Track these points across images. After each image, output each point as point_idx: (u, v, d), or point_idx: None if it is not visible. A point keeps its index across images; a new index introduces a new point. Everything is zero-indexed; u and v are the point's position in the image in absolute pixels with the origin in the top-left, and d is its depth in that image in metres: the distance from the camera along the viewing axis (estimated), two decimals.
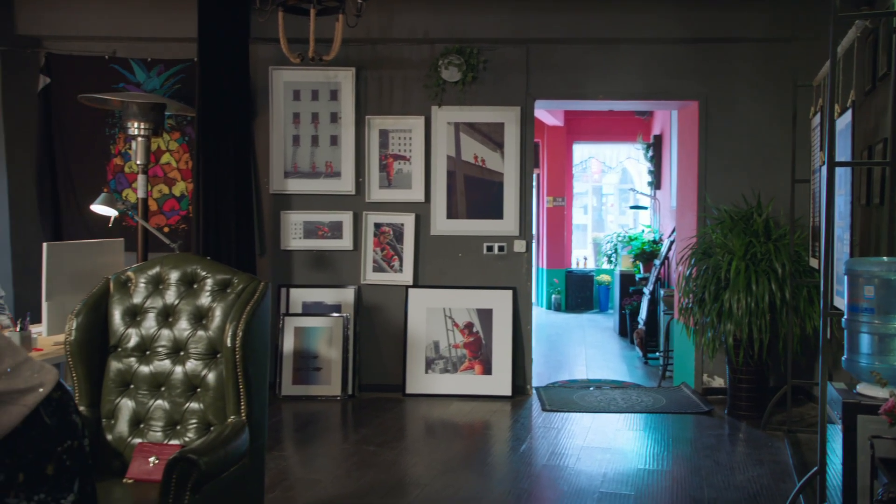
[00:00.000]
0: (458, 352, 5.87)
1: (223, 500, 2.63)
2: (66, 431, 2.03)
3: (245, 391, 2.81)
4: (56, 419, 2.01)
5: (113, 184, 6.02)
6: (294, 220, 5.94)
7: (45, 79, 5.90)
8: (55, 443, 1.99)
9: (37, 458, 1.96)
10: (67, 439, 2.03)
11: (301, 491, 3.95)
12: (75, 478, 2.03)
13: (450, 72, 5.79)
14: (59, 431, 2.01)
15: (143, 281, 3.01)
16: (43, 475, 1.96)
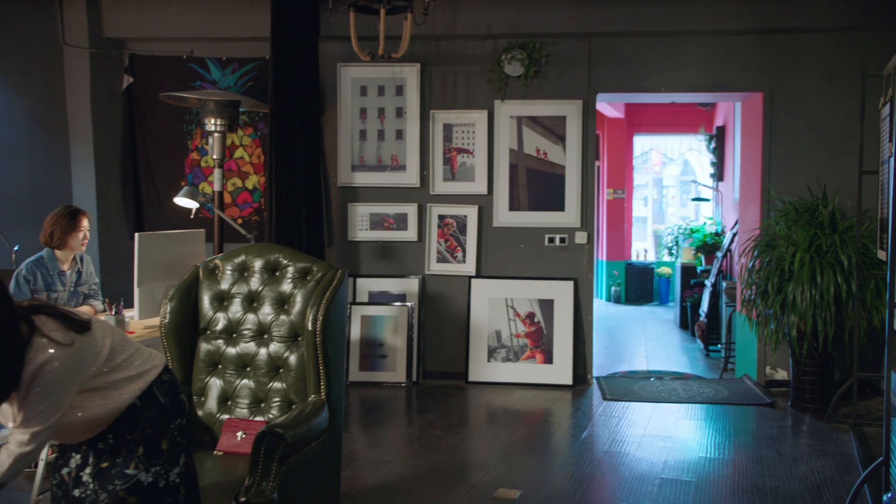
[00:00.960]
0: (519, 341, 5.99)
1: (305, 472, 2.82)
2: (176, 410, 2.27)
3: (325, 372, 2.99)
4: (168, 399, 2.24)
5: (190, 178, 6.33)
6: (361, 212, 6.15)
7: (129, 78, 6.24)
8: (169, 420, 2.22)
9: (154, 433, 2.19)
10: (178, 417, 2.26)
11: (371, 470, 4.14)
12: (182, 452, 2.26)
13: (513, 66, 5.89)
14: (171, 410, 2.24)
15: (230, 268, 3.23)
16: (158, 449, 2.19)
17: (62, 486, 2.21)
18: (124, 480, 2.14)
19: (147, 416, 2.17)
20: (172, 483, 2.22)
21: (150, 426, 2.18)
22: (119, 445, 2.15)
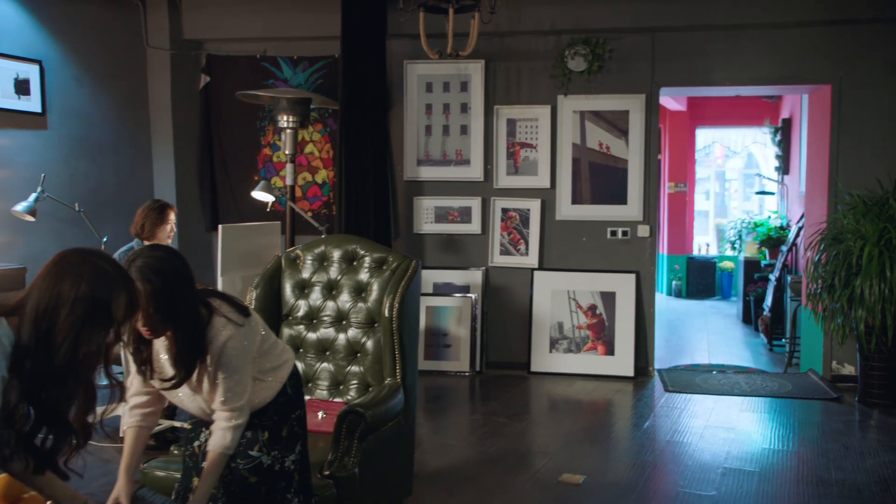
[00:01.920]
0: (581, 333, 6.08)
1: (382, 451, 3.00)
2: (298, 401, 2.46)
3: (400, 356, 3.16)
4: (293, 390, 2.44)
5: (263, 172, 6.60)
6: (426, 206, 6.32)
7: (206, 77, 6.54)
8: (291, 410, 2.42)
9: (278, 421, 2.38)
10: (298, 408, 2.45)
11: (438, 454, 4.30)
12: (298, 441, 2.45)
13: (576, 62, 5.97)
14: (294, 401, 2.43)
15: (310, 258, 3.43)
16: (279, 436, 2.39)
17: (193, 457, 2.43)
18: (247, 460, 2.32)
19: (276, 404, 2.36)
20: (288, 469, 2.39)
21: (277, 413, 2.37)
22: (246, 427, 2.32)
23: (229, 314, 2.22)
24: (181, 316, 2.13)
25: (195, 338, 2.15)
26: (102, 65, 6.01)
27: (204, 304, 2.21)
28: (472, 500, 3.68)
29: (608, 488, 3.81)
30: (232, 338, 2.18)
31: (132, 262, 2.11)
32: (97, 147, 5.99)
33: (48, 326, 1.69)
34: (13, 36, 5.37)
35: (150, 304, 2.08)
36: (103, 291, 1.74)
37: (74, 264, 1.75)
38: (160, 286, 2.09)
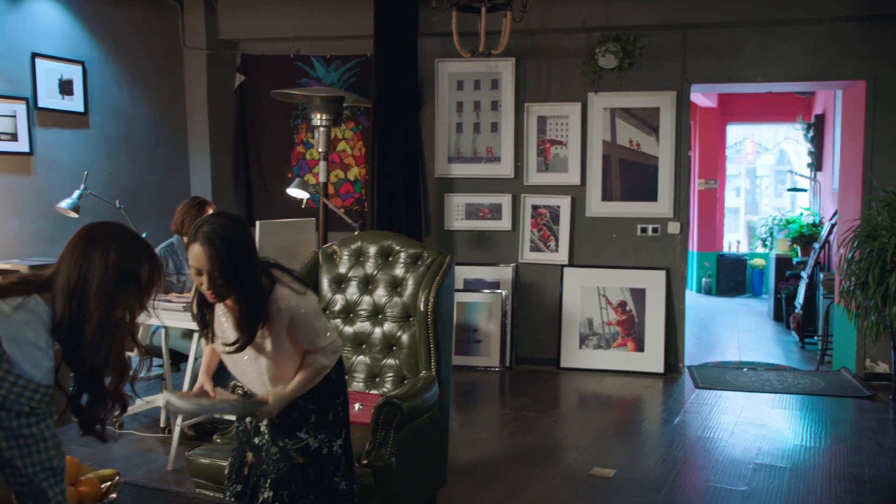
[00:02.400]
0: (611, 329, 6.11)
1: (418, 442, 3.07)
2: (341, 388, 2.55)
3: (435, 350, 3.23)
4: (338, 377, 2.53)
5: (296, 170, 6.71)
6: (457, 202, 6.38)
7: (241, 77, 6.67)
8: (336, 395, 2.51)
9: (325, 405, 2.47)
10: (342, 394, 2.54)
11: (469, 447, 4.37)
12: (343, 427, 2.53)
13: (606, 59, 5.99)
14: (338, 387, 2.52)
15: (347, 254, 3.51)
16: (326, 420, 2.48)
17: (245, 432, 2.53)
18: (295, 441, 2.42)
19: (322, 388, 2.44)
20: (335, 453, 2.48)
21: (323, 398, 2.45)
22: (291, 408, 2.41)
23: (291, 284, 2.33)
24: (243, 281, 2.23)
25: (257, 303, 2.26)
26: (141, 65, 6.16)
27: (265, 273, 2.31)
28: (503, 492, 3.74)
29: (639, 482, 3.85)
30: (295, 304, 2.31)
31: (199, 228, 2.23)
32: (136, 145, 6.15)
33: (81, 297, 1.76)
34: (58, 38, 5.53)
35: (214, 267, 2.19)
36: (130, 259, 1.82)
37: (101, 235, 1.83)
38: (224, 251, 2.19)
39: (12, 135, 5.22)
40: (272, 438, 2.44)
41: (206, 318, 2.37)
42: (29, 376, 1.71)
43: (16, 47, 5.25)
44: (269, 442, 2.44)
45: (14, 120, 5.22)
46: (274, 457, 2.44)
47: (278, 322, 2.30)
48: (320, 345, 2.38)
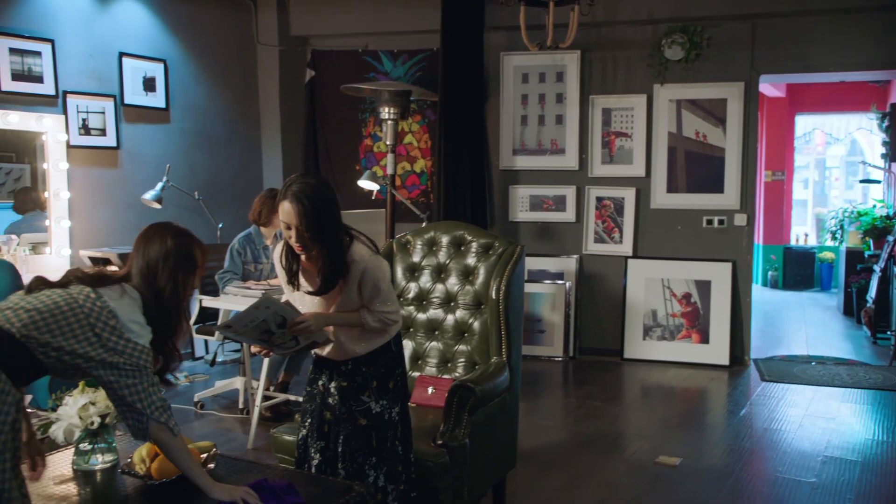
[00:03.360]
0: (675, 321, 6.11)
1: (489, 425, 3.18)
2: (400, 360, 2.71)
3: (506, 336, 3.34)
4: (397, 350, 2.68)
5: (364, 162, 6.89)
6: (521, 194, 6.46)
7: (311, 72, 6.87)
8: (395, 366, 2.67)
9: (385, 373, 2.64)
10: (400, 366, 2.70)
11: (536, 433, 4.46)
12: (401, 396, 2.69)
13: (673, 50, 5.97)
14: (398, 358, 2.69)
15: (420, 243, 3.64)
16: (387, 387, 2.65)
17: (319, 394, 2.71)
18: (358, 403, 2.61)
19: (383, 356, 2.63)
20: (394, 419, 2.65)
21: (384, 366, 2.63)
22: (355, 373, 2.62)
23: (367, 243, 2.57)
24: (327, 235, 2.44)
25: (339, 255, 2.47)
26: (218, 62, 6.42)
27: (346, 232, 2.54)
28: (569, 477, 3.83)
29: (705, 471, 3.89)
30: (371, 261, 2.51)
31: (289, 187, 2.43)
32: (213, 139, 6.41)
33: (153, 280, 2.18)
34: (142, 38, 5.81)
35: (301, 222, 2.40)
36: (184, 245, 2.22)
37: (155, 232, 2.25)
38: (310, 207, 2.39)
39: (101, 130, 5.52)
40: (341, 400, 2.64)
41: (294, 269, 2.58)
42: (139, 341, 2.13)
43: (105, 47, 5.55)
44: (339, 402, 2.64)
45: (103, 116, 5.52)
46: (343, 416, 2.64)
47: (352, 274, 2.51)
48: (376, 307, 2.55)
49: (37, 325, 2.01)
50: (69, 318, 2.05)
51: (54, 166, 5.19)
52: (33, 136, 5.11)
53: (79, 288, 2.12)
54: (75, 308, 2.06)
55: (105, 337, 2.07)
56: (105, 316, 2.08)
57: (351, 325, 2.58)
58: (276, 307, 2.45)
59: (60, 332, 2.03)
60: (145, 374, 2.12)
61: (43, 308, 2.04)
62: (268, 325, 2.46)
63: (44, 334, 2.02)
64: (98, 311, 2.08)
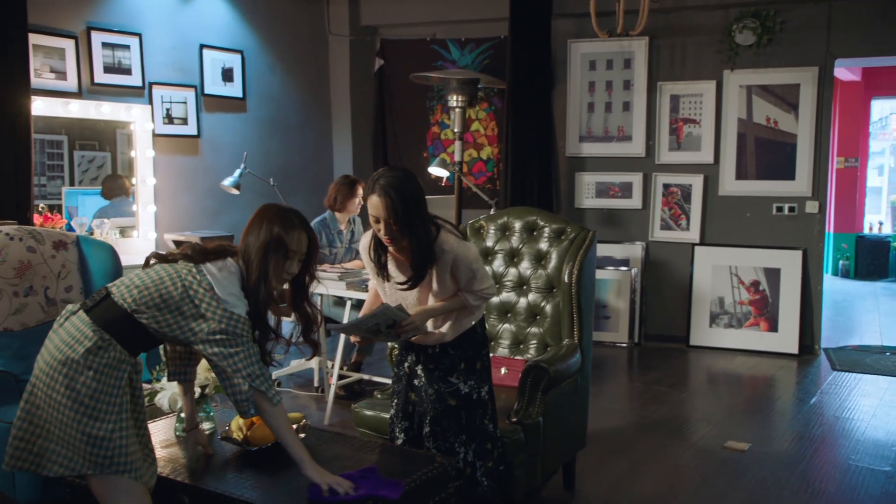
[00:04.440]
0: (743, 308, 6.07)
1: (561, 405, 3.28)
2: (486, 341, 2.82)
3: (578, 319, 3.42)
4: (482, 331, 2.79)
5: (431, 149, 7.02)
6: (587, 181, 6.50)
7: (380, 61, 7.02)
8: (482, 347, 2.78)
9: (473, 355, 2.75)
10: (486, 347, 2.81)
11: (604, 416, 4.52)
12: (489, 376, 2.80)
13: (744, 35, 5.90)
14: (484, 340, 2.80)
15: (493, 228, 3.74)
16: (474, 368, 2.76)
17: (405, 376, 2.85)
18: (447, 385, 2.73)
19: (470, 339, 2.73)
20: (483, 398, 2.76)
21: (471, 348, 2.74)
22: (442, 355, 2.73)
23: (454, 231, 2.65)
24: (415, 227, 2.53)
25: (427, 246, 2.56)
26: (291, 52, 6.62)
27: (432, 222, 2.62)
28: (637, 459, 3.90)
29: (775, 457, 3.91)
30: (460, 247, 2.60)
31: (377, 181, 2.53)
32: (286, 127, 6.63)
33: (248, 259, 2.28)
34: (221, 30, 6.05)
35: (389, 215, 2.50)
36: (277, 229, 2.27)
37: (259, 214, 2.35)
38: (398, 200, 2.48)
39: (183, 119, 5.78)
40: (428, 382, 2.75)
41: (382, 260, 2.68)
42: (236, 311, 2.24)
43: (188, 40, 5.79)
44: (427, 384, 2.75)
45: (185, 106, 5.77)
46: (431, 398, 2.75)
47: (443, 262, 2.60)
48: (475, 287, 2.64)
49: (145, 301, 2.21)
50: (172, 292, 2.21)
51: (141, 154, 5.46)
52: (115, 125, 5.35)
53: (183, 263, 2.28)
54: (177, 282, 2.22)
55: (203, 307, 2.20)
56: (203, 288, 2.21)
57: (452, 310, 2.67)
58: (391, 313, 2.56)
59: (166, 305, 2.21)
60: (243, 344, 2.23)
61: (150, 284, 2.23)
62: (379, 326, 2.60)
63: (150, 308, 2.21)
64: (197, 284, 2.22)
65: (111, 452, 2.14)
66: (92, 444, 2.13)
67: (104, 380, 2.16)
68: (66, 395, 2.13)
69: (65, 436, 2.14)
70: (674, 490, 3.55)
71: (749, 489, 3.53)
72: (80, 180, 5.33)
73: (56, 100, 4.96)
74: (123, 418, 2.18)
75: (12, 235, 3.45)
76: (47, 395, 2.16)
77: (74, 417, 2.12)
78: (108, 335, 2.19)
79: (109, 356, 2.18)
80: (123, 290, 2.24)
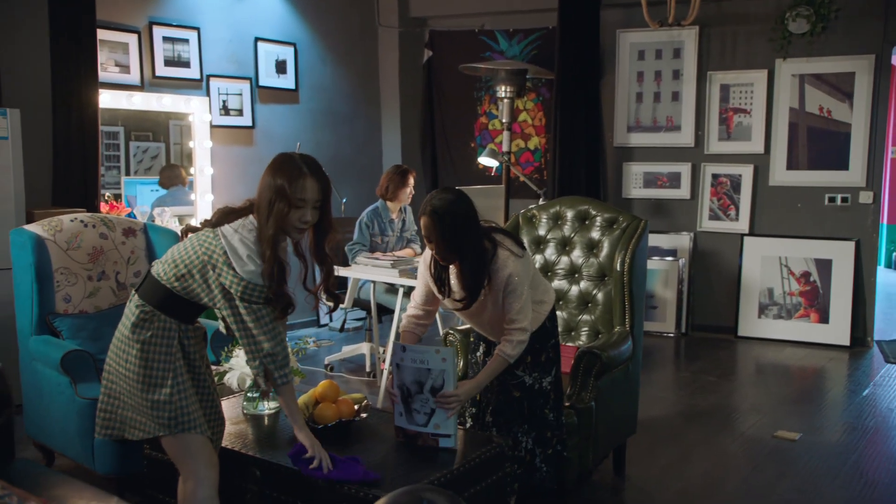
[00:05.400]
0: (792, 299, 6.03)
1: (613, 390, 3.33)
2: (553, 332, 2.88)
3: (629, 307, 3.47)
4: (550, 324, 2.86)
5: (479, 140, 7.08)
6: (635, 171, 6.50)
7: (429, 52, 7.10)
8: (548, 339, 2.84)
9: (539, 348, 2.82)
10: (553, 338, 2.87)
11: (652, 404, 4.56)
12: (554, 366, 2.87)
13: (797, 24, 5.84)
14: (551, 331, 2.86)
15: (545, 217, 3.80)
16: (539, 360, 2.83)
17: (475, 364, 2.95)
18: (513, 377, 2.79)
19: (537, 333, 2.78)
20: (545, 388, 2.83)
21: (538, 342, 2.80)
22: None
23: (511, 247, 2.64)
24: (464, 248, 2.56)
25: (478, 268, 2.58)
26: (341, 44, 6.74)
27: (489, 238, 2.63)
28: (686, 446, 3.94)
29: (826, 447, 3.91)
30: (514, 268, 2.61)
31: (429, 202, 2.58)
32: (336, 118, 6.75)
33: (259, 211, 2.24)
34: (275, 23, 6.19)
35: (438, 237, 2.54)
36: (280, 180, 2.19)
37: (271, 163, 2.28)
38: (447, 223, 2.52)
39: (239, 110, 5.94)
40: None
41: (443, 277, 2.71)
42: (249, 278, 2.21)
43: (243, 33, 5.95)
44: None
45: (241, 98, 5.93)
46: (495, 389, 2.81)
47: (498, 281, 2.62)
48: (515, 317, 2.61)
49: (174, 273, 2.30)
50: (194, 261, 2.27)
51: (199, 144, 5.64)
52: (171, 116, 5.53)
53: (205, 231, 2.32)
54: (198, 250, 2.27)
55: (219, 271, 2.22)
56: (218, 253, 2.22)
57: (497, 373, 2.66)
58: (450, 369, 2.48)
59: (190, 275, 2.28)
60: (256, 312, 2.23)
61: (178, 257, 2.32)
62: (427, 378, 2.51)
63: (180, 279, 2.30)
64: (212, 250, 2.24)
65: (174, 413, 2.28)
66: (155, 409, 2.28)
67: (153, 349, 2.30)
68: (127, 368, 2.31)
69: (134, 404, 2.31)
70: (724, 478, 3.59)
71: (800, 477, 3.55)
72: (136, 170, 5.53)
73: (120, 92, 5.15)
74: (179, 381, 2.32)
75: (86, 222, 3.63)
76: (116, 369, 2.35)
77: (136, 387, 2.29)
78: (151, 307, 2.31)
79: (154, 327, 2.30)
80: (160, 265, 2.36)
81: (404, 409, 2.56)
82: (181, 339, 2.36)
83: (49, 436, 3.35)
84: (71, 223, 3.57)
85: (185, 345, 2.37)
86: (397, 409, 2.58)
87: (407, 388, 2.56)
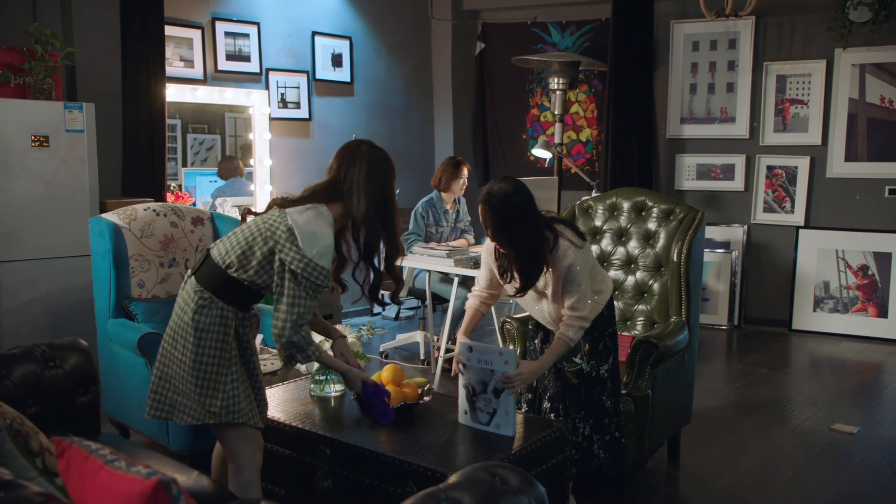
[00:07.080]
0: (849, 293, 5.95)
1: (668, 380, 3.37)
2: (611, 322, 2.92)
3: (685, 298, 3.50)
4: (608, 313, 2.90)
5: (530, 131, 7.12)
6: (688, 163, 6.47)
7: (481, 45, 7.16)
8: (606, 328, 2.89)
9: (597, 336, 2.88)
10: (611, 327, 2.92)
11: (705, 395, 4.57)
12: (611, 354, 2.92)
13: (859, 12, 5.73)
14: (608, 320, 2.90)
15: (602, 208, 3.85)
16: (597, 348, 2.88)
17: (533, 351, 3.02)
18: (571, 365, 2.86)
19: (596, 322, 2.84)
20: (602, 376, 2.88)
21: (596, 330, 2.85)
22: None
23: (571, 238, 2.69)
24: (516, 238, 2.61)
25: (531, 257, 2.63)
26: (395, 37, 6.84)
27: (549, 228, 2.69)
28: (742, 436, 3.95)
29: (886, 440, 3.88)
30: (575, 258, 2.66)
31: (488, 190, 2.63)
32: (390, 110, 6.86)
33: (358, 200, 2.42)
34: (331, 17, 6.32)
35: (492, 226, 2.61)
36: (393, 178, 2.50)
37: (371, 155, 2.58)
38: (499, 212, 2.59)
39: (296, 103, 6.09)
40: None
41: (505, 263, 2.76)
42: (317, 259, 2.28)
43: (300, 28, 6.09)
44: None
45: (298, 90, 6.08)
46: (553, 375, 2.88)
47: (559, 270, 2.67)
48: (575, 305, 2.67)
49: (235, 253, 2.33)
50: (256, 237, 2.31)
51: (259, 137, 5.80)
52: (230, 108, 5.70)
53: (271, 211, 2.37)
54: (261, 227, 2.32)
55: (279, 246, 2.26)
56: (280, 230, 2.27)
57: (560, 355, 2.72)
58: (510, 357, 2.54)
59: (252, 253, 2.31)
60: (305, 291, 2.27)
61: (240, 237, 2.35)
62: (491, 379, 2.55)
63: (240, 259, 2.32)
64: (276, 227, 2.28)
65: (225, 403, 2.32)
66: (206, 397, 2.32)
67: (209, 336, 2.31)
68: (183, 353, 2.34)
69: (186, 390, 2.35)
70: (779, 469, 3.60)
71: (858, 471, 3.54)
72: (192, 161, 5.71)
73: (185, 86, 5.33)
74: (233, 370, 2.35)
75: (158, 211, 3.79)
76: (171, 353, 2.39)
77: (190, 373, 2.32)
78: (209, 293, 2.33)
79: (213, 314, 2.32)
80: (219, 246, 2.38)
81: (469, 408, 2.64)
82: (237, 326, 2.38)
83: (125, 413, 3.52)
84: (144, 212, 3.74)
85: (241, 333, 2.40)
86: (462, 407, 2.66)
87: (472, 388, 2.62)
